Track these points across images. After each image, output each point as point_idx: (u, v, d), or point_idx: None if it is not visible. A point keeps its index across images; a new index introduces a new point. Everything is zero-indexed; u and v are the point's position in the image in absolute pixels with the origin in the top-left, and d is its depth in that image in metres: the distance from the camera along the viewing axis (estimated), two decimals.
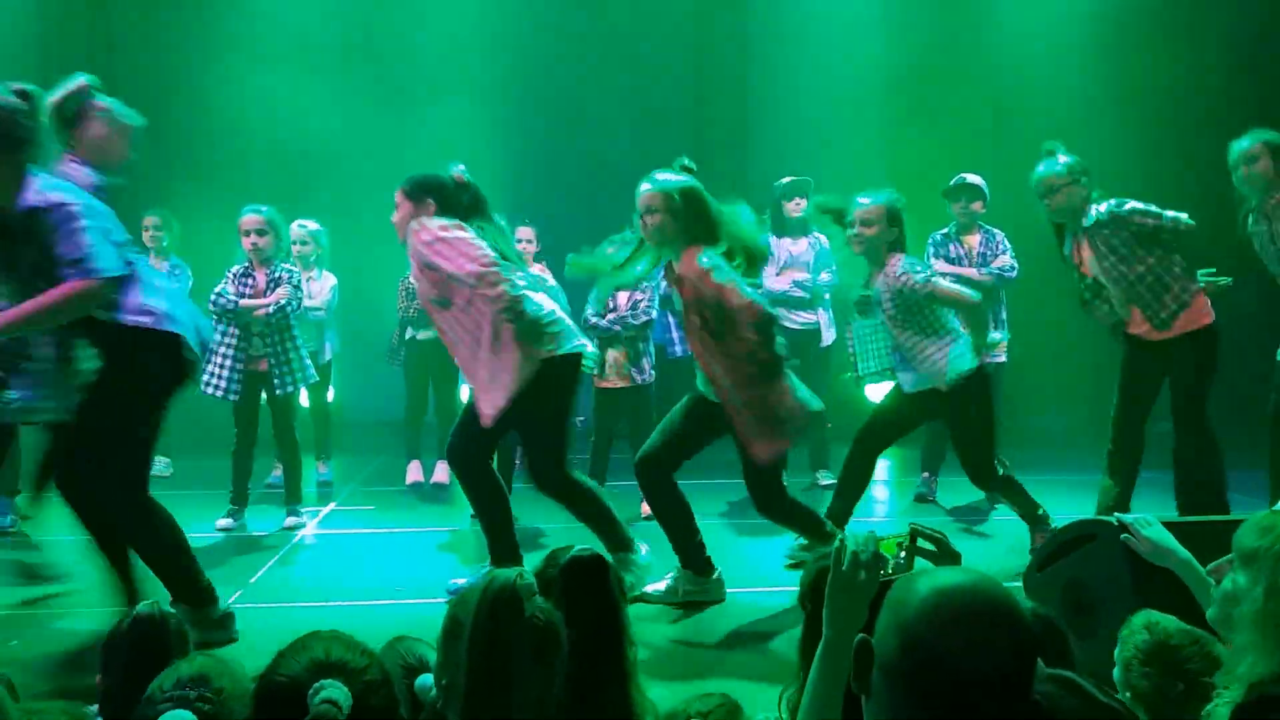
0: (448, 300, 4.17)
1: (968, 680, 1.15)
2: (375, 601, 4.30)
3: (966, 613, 1.17)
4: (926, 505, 6.20)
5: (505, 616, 1.47)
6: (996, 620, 1.18)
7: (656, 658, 3.56)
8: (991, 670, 1.15)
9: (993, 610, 1.18)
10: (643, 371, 5.96)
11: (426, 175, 4.53)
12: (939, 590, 1.20)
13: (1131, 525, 2.69)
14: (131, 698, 1.75)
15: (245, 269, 5.64)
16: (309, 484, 6.37)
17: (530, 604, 1.49)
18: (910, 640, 1.18)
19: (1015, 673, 1.17)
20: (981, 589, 1.20)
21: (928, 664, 1.16)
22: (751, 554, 5.26)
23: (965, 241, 6.19)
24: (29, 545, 5.31)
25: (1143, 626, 2.12)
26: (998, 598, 1.20)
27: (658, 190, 4.26)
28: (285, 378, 5.61)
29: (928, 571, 1.28)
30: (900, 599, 1.22)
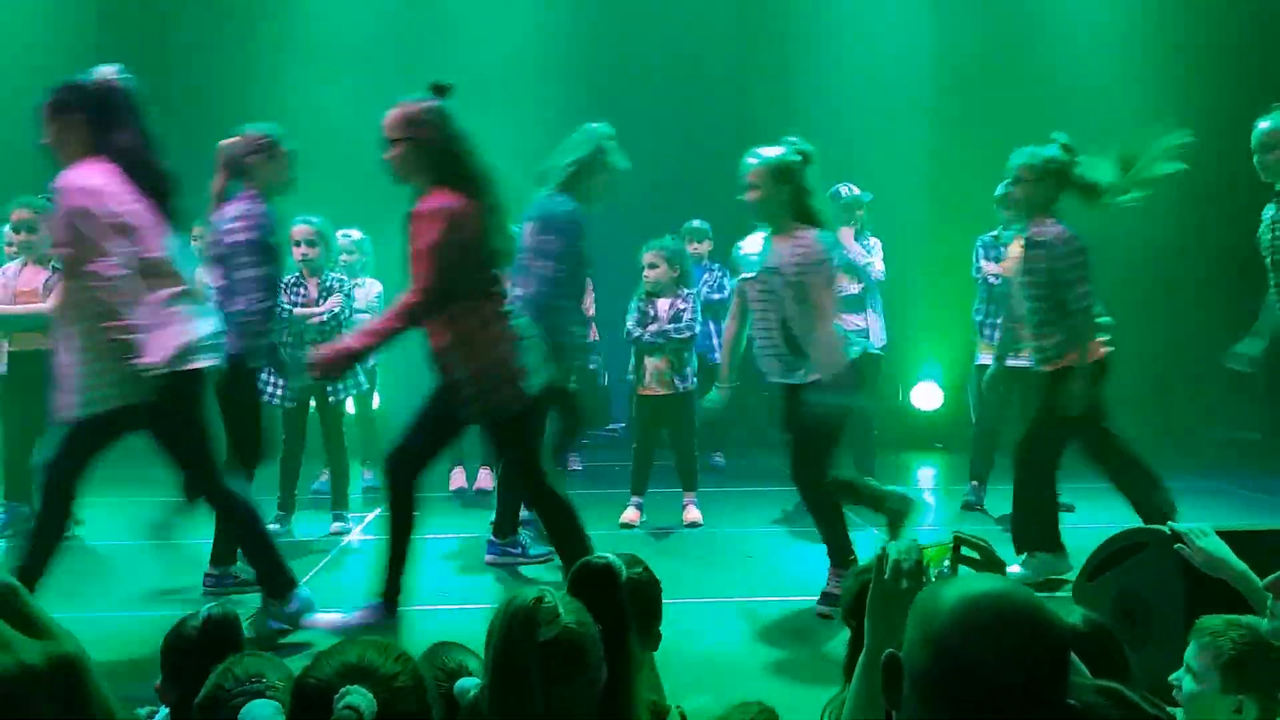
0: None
1: (999, 688, 1.14)
2: (420, 607, 4.33)
3: (996, 620, 1.16)
4: (975, 513, 6.11)
5: (519, 637, 1.49)
6: (1026, 627, 1.17)
7: (696, 666, 3.55)
8: (1022, 678, 1.15)
9: (1022, 617, 1.18)
10: (685, 379, 5.91)
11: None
12: (967, 598, 1.19)
13: (1186, 535, 2.63)
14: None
15: (296, 279, 5.71)
16: (355, 490, 6.43)
17: (550, 627, 1.49)
18: (940, 649, 1.17)
19: (1046, 680, 1.16)
20: (1010, 596, 1.20)
21: (958, 672, 1.15)
22: (796, 561, 5.23)
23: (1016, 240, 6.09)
24: (85, 550, 5.42)
25: (1227, 625, 2.10)
26: (1027, 605, 1.19)
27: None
28: (338, 385, 5.67)
29: (955, 579, 1.27)
30: (928, 608, 1.21)
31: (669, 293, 5.87)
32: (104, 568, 5.19)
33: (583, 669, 1.52)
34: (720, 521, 5.91)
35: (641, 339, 5.83)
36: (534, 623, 1.48)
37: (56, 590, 4.67)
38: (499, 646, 1.50)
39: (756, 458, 7.93)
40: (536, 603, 1.50)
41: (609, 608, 1.76)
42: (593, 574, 1.80)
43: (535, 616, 1.48)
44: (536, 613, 1.48)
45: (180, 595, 4.59)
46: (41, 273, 5.52)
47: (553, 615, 1.49)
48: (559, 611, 1.51)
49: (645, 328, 5.83)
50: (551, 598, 1.54)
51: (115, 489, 6.68)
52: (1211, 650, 2.09)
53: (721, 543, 5.55)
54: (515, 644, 1.48)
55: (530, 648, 1.47)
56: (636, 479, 5.94)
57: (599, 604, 1.75)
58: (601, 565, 1.81)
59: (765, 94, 8.99)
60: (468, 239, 3.71)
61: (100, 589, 4.78)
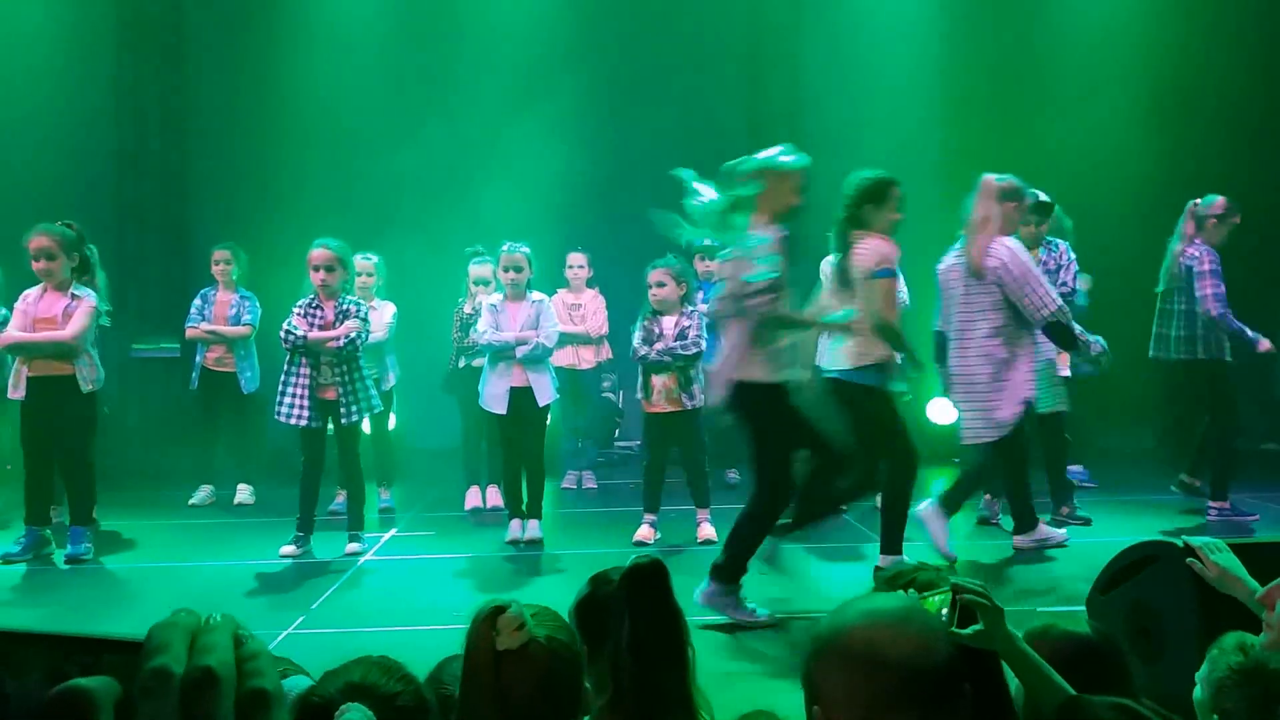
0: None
1: (914, 674, 1.21)
2: (435, 626, 4.34)
3: (902, 617, 1.27)
4: (989, 528, 6.09)
5: (476, 643, 1.52)
6: (928, 625, 1.27)
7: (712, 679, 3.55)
8: (931, 660, 1.22)
9: (919, 617, 1.28)
10: (693, 396, 5.90)
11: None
12: (869, 609, 1.29)
13: (1200, 549, 2.62)
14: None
15: (312, 301, 5.73)
16: (371, 510, 6.46)
17: (509, 637, 1.51)
18: (852, 665, 1.23)
19: (950, 671, 1.23)
20: (899, 600, 1.31)
21: (875, 676, 1.21)
22: (812, 576, 5.22)
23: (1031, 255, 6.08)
24: (105, 574, 5.47)
25: (1235, 647, 2.07)
26: (916, 610, 1.30)
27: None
28: (352, 406, 5.71)
29: (850, 601, 1.33)
30: (836, 633, 1.28)
31: (674, 310, 5.89)
32: (122, 591, 5.22)
33: (546, 688, 1.53)
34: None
35: (648, 357, 5.85)
36: (491, 630, 1.50)
37: (77, 614, 4.73)
38: (465, 648, 1.53)
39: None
40: (497, 610, 1.52)
41: (661, 603, 1.79)
42: (642, 573, 1.82)
43: (494, 625, 1.50)
44: (495, 620, 1.50)
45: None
46: (61, 299, 5.57)
47: (516, 625, 1.50)
48: (525, 623, 1.52)
49: (651, 346, 5.84)
50: (519, 609, 1.56)
51: (135, 512, 6.75)
52: (1209, 663, 2.10)
53: None
54: (473, 648, 1.50)
55: (486, 653, 1.49)
56: (649, 496, 5.95)
57: (650, 600, 1.78)
58: (649, 562, 1.84)
59: (775, 110, 9.03)
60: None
61: (120, 611, 4.81)
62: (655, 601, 1.80)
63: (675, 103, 9.08)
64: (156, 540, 6.21)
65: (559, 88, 8.81)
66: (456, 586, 5.14)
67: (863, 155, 8.46)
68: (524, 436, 5.91)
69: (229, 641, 0.71)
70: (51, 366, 5.54)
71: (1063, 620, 2.11)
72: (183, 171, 8.97)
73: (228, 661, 0.69)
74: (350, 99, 8.79)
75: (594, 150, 8.84)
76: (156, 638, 0.69)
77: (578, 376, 7.20)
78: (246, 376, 7.22)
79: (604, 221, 8.50)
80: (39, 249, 5.53)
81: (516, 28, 8.79)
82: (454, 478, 7.26)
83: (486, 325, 5.89)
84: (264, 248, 7.47)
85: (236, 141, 8.77)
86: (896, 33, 8.80)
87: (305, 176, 8.64)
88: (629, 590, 1.80)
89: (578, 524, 6.59)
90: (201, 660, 0.68)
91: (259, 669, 0.70)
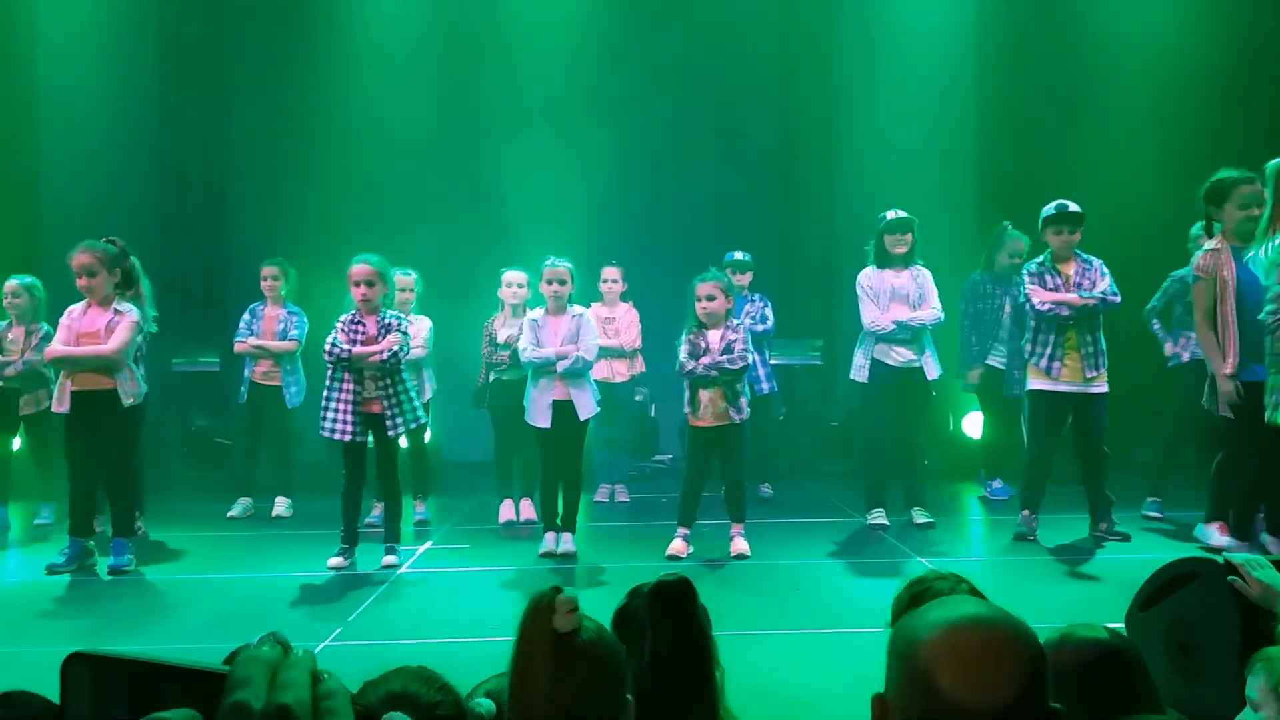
0: None
1: (964, 713, 1.12)
2: (472, 639, 4.37)
3: (967, 644, 1.15)
4: (1027, 544, 6.02)
5: (533, 623, 1.51)
6: (998, 652, 1.15)
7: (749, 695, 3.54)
8: (988, 704, 1.12)
9: (995, 642, 1.16)
10: (740, 411, 5.86)
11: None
12: (944, 621, 1.18)
13: (1241, 566, 2.59)
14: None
15: (354, 317, 5.77)
16: (407, 523, 6.51)
17: (566, 619, 1.50)
18: (911, 674, 1.16)
19: (1015, 707, 1.13)
20: (986, 620, 1.18)
21: (926, 696, 1.14)
22: (845, 593, 5.20)
23: (1062, 271, 6.00)
24: (146, 586, 5.55)
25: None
26: (1002, 630, 1.17)
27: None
28: (398, 419, 5.76)
29: (940, 602, 1.27)
30: (907, 634, 1.20)
31: (719, 324, 5.89)
32: (164, 602, 5.30)
33: (599, 680, 1.53)
34: (770, 553, 5.90)
35: (695, 372, 5.83)
36: (549, 610, 1.50)
37: (120, 625, 4.80)
38: (517, 634, 1.53)
39: (805, 489, 7.91)
40: (555, 592, 1.52)
41: (686, 622, 1.79)
42: (668, 590, 1.83)
43: (551, 605, 1.50)
44: (554, 602, 1.50)
45: (238, 628, 4.66)
46: (104, 315, 5.68)
47: (571, 607, 1.51)
48: (577, 607, 1.53)
49: (698, 360, 5.82)
50: (573, 594, 1.56)
51: (176, 524, 6.84)
52: (1265, 676, 2.07)
53: (771, 574, 5.54)
54: (529, 630, 1.50)
55: (543, 635, 1.49)
56: (685, 510, 5.93)
57: (675, 619, 1.78)
58: (676, 580, 1.84)
59: (808, 122, 9.04)
60: None
61: (161, 622, 4.88)
62: (680, 620, 1.79)
63: (708, 117, 9.12)
64: (197, 552, 6.29)
65: (593, 104, 8.88)
66: (492, 599, 5.16)
67: (895, 166, 8.47)
68: (563, 449, 5.93)
69: (307, 679, 0.73)
70: (94, 380, 5.64)
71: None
72: (223, 189, 9.11)
73: (304, 700, 0.71)
74: (388, 118, 8.91)
75: (627, 165, 8.89)
76: (239, 671, 0.72)
77: (612, 390, 7.22)
78: (291, 391, 7.31)
79: (637, 235, 8.55)
80: (81, 266, 5.64)
81: (552, 46, 8.86)
82: (488, 491, 7.30)
83: (528, 341, 5.94)
84: (303, 264, 7.57)
85: (276, 159, 8.91)
86: (929, 41, 8.78)
87: (343, 193, 8.75)
88: (653, 608, 1.80)
89: (611, 537, 6.60)
90: (279, 698, 0.70)
91: (334, 708, 0.72)
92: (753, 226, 8.72)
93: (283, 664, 0.74)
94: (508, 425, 6.82)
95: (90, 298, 5.70)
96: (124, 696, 0.76)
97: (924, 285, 6.44)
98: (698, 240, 8.28)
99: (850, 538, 6.32)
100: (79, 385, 5.65)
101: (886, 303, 6.40)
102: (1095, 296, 5.88)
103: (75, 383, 5.65)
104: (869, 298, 6.41)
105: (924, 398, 6.58)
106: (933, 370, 6.48)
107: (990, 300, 7.30)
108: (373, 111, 8.88)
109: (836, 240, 8.68)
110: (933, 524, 6.47)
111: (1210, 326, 5.32)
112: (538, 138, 8.74)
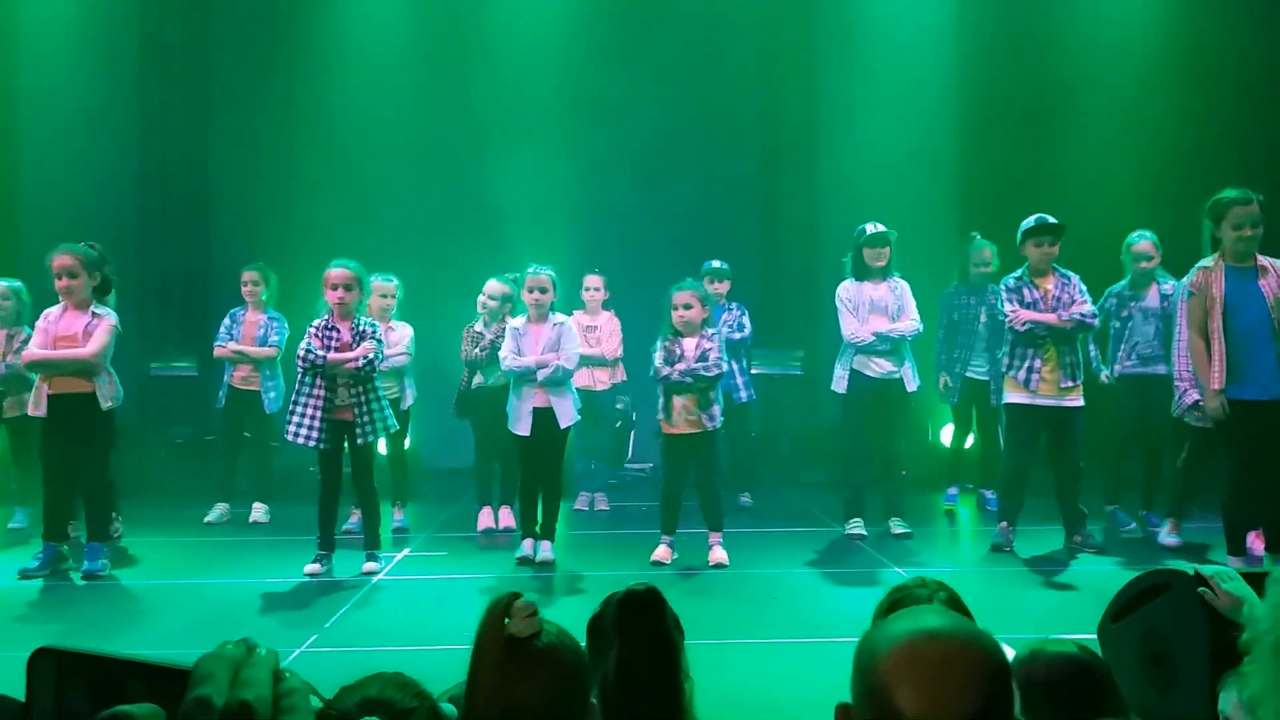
0: None
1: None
2: (448, 646, 4.35)
3: (923, 658, 1.13)
4: (1003, 555, 6.06)
5: (487, 628, 1.51)
6: (955, 667, 1.13)
7: (725, 705, 3.55)
8: (943, 718, 1.10)
9: (952, 656, 1.14)
10: (713, 418, 5.92)
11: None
12: (902, 634, 1.16)
13: (1211, 579, 2.62)
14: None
15: (327, 322, 5.77)
16: (385, 530, 6.49)
17: (522, 624, 1.50)
18: (870, 687, 1.15)
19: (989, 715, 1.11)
20: (945, 633, 1.16)
21: (884, 709, 1.13)
22: (829, 602, 5.21)
23: (1040, 285, 6.07)
24: (121, 591, 5.51)
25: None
26: (960, 643, 1.15)
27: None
28: (367, 426, 5.75)
29: (903, 614, 1.25)
30: (869, 646, 1.19)
31: (695, 332, 5.92)
32: (138, 607, 5.26)
33: (555, 686, 1.52)
34: (748, 562, 5.91)
35: (670, 378, 5.87)
36: (504, 614, 1.50)
37: (94, 630, 4.76)
38: (473, 641, 1.53)
39: (784, 498, 7.93)
40: (513, 597, 1.52)
41: (654, 632, 1.79)
42: (636, 600, 1.83)
43: (508, 610, 1.50)
44: (510, 607, 1.50)
45: (213, 633, 4.64)
46: (82, 318, 5.64)
47: (529, 612, 1.50)
48: (537, 612, 1.53)
49: (673, 366, 5.86)
50: (530, 599, 1.56)
51: (151, 529, 6.80)
52: (1236, 691, 2.09)
53: (749, 583, 5.55)
54: (483, 635, 1.50)
55: (495, 639, 1.49)
56: (666, 517, 5.96)
57: (642, 629, 1.78)
58: (644, 590, 1.84)
59: (790, 131, 9.09)
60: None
61: (135, 627, 4.84)
62: (648, 630, 1.79)
63: (692, 127, 9.15)
64: (172, 557, 6.25)
65: (576, 114, 8.90)
66: (469, 607, 5.15)
67: (876, 177, 8.53)
68: (543, 457, 5.93)
69: (269, 677, 0.73)
70: (72, 384, 5.60)
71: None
72: (204, 193, 9.08)
73: (265, 697, 0.72)
74: (371, 123, 8.90)
75: (610, 174, 8.91)
76: (202, 668, 0.73)
77: (593, 398, 7.23)
78: (270, 396, 7.28)
79: (620, 244, 8.57)
80: (62, 267, 5.60)
81: (535, 53, 8.88)
82: (467, 498, 7.29)
83: (509, 350, 5.95)
84: (283, 269, 7.55)
85: (258, 164, 8.89)
86: (911, 53, 8.85)
87: (325, 199, 8.73)
88: (621, 618, 1.80)
89: (590, 545, 6.59)
90: (241, 694, 0.71)
91: (294, 705, 0.73)
92: (735, 236, 8.76)
93: (245, 662, 0.75)
94: (488, 432, 6.82)
95: (68, 300, 5.66)
96: (87, 692, 0.77)
97: (902, 297, 6.48)
98: (680, 249, 8.31)
99: (829, 547, 6.35)
100: (57, 389, 5.61)
101: (865, 315, 6.43)
102: (1074, 318, 5.94)
103: (53, 386, 5.61)
104: (848, 310, 6.45)
105: (902, 409, 6.62)
106: (911, 382, 6.52)
107: (966, 310, 7.35)
108: (356, 117, 8.88)
109: (817, 251, 8.73)
110: (910, 534, 6.50)
111: (1201, 340, 5.38)
112: (521, 145, 8.76)
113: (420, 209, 8.91)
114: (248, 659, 0.74)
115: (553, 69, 8.89)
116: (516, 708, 1.47)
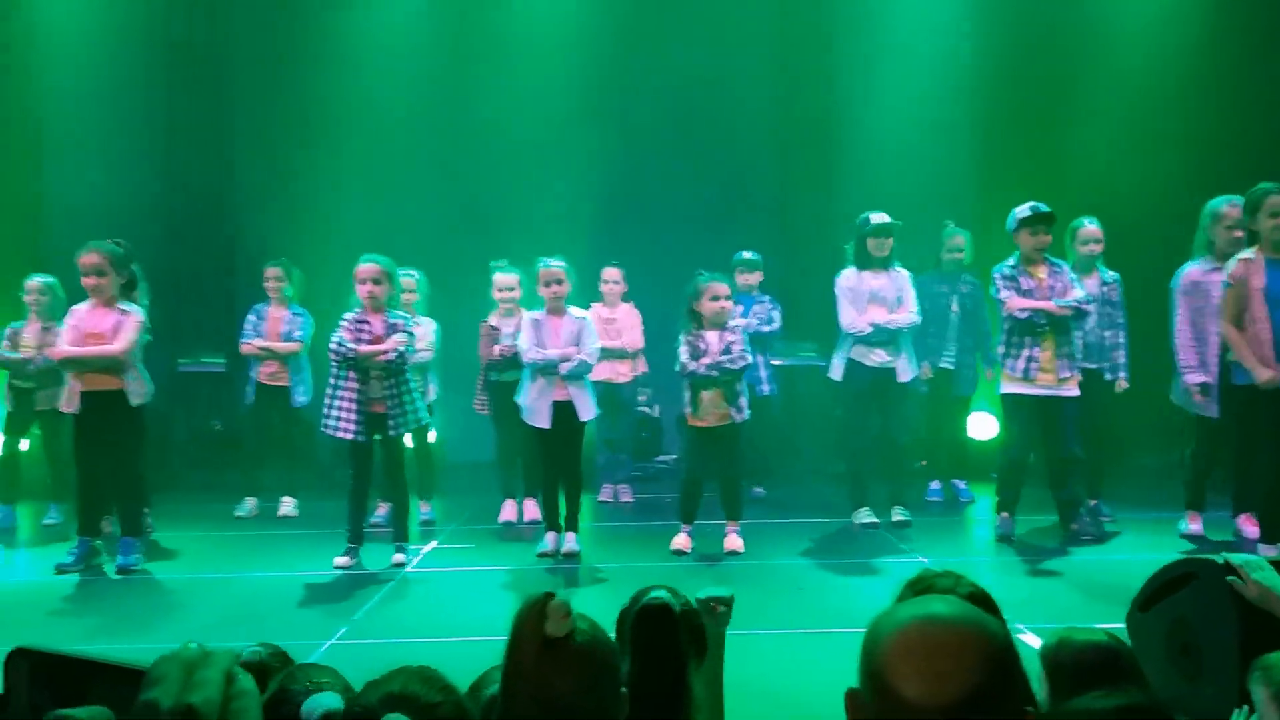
0: None
1: (910, 710, 1.10)
2: (477, 638, 4.39)
3: (919, 642, 1.14)
4: (1009, 545, 6.02)
5: (523, 630, 1.53)
6: (948, 651, 1.13)
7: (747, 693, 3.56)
8: (931, 700, 1.10)
9: (948, 641, 1.14)
10: (740, 410, 5.93)
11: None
12: (904, 619, 1.17)
13: (1240, 568, 2.61)
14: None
15: (359, 316, 5.81)
16: (412, 523, 6.53)
17: (557, 624, 1.52)
18: (871, 670, 1.17)
19: (963, 705, 1.10)
20: (944, 619, 1.16)
21: (882, 692, 1.14)
22: (852, 592, 5.21)
23: (1033, 274, 6.00)
24: (154, 585, 5.59)
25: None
26: (958, 629, 1.15)
27: None
28: (399, 419, 5.80)
29: (911, 602, 1.25)
30: (874, 631, 1.20)
31: (723, 324, 5.93)
32: (171, 600, 5.33)
33: (590, 682, 1.54)
34: (769, 552, 5.92)
35: (696, 372, 5.87)
36: (541, 616, 1.51)
37: (127, 623, 4.83)
38: (509, 638, 1.54)
39: (800, 490, 7.90)
40: (548, 597, 1.54)
41: (667, 646, 1.81)
42: (649, 615, 1.85)
43: (544, 611, 1.52)
44: (546, 608, 1.52)
45: (244, 627, 4.70)
46: (109, 315, 5.70)
47: (564, 613, 1.52)
48: (571, 611, 1.54)
49: (699, 360, 5.86)
50: (566, 599, 1.58)
51: (183, 523, 6.88)
52: (1264, 684, 2.08)
53: (770, 574, 5.56)
54: (520, 635, 1.52)
55: (534, 639, 1.51)
56: (687, 508, 5.98)
57: (655, 644, 1.80)
58: (659, 605, 1.86)
59: (805, 124, 9.05)
60: None
61: (168, 621, 4.91)
62: (660, 646, 1.82)
63: (710, 118, 9.12)
64: (204, 551, 6.33)
65: (594, 106, 8.89)
66: (498, 599, 5.19)
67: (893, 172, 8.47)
68: (564, 450, 5.95)
69: (220, 679, 0.74)
70: (102, 380, 5.67)
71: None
72: (228, 191, 9.14)
73: (213, 699, 0.72)
74: (390, 119, 8.92)
75: (628, 166, 8.90)
76: (155, 670, 0.73)
77: (614, 390, 7.24)
78: (299, 391, 7.35)
79: (638, 236, 8.56)
80: (89, 265, 5.67)
81: (552, 47, 8.87)
82: (493, 491, 7.33)
83: (529, 342, 5.95)
84: (306, 265, 7.60)
85: (280, 161, 8.94)
86: (929, 46, 8.79)
87: (346, 195, 8.77)
88: (635, 631, 1.83)
89: (614, 537, 6.62)
90: (188, 697, 0.72)
91: (244, 708, 0.73)
92: (754, 227, 8.73)
93: (200, 664, 0.75)
94: (508, 426, 6.84)
95: (96, 297, 5.72)
96: (52, 692, 0.78)
97: (903, 288, 6.46)
98: (699, 241, 8.29)
99: (847, 537, 6.36)
100: (88, 386, 5.68)
101: (864, 305, 6.42)
102: (1071, 305, 5.89)
103: (84, 383, 5.69)
104: (848, 300, 6.44)
105: (900, 398, 6.60)
106: (905, 373, 6.49)
107: (938, 300, 7.24)
108: (375, 113, 8.90)
109: (837, 241, 8.67)
110: (909, 523, 6.49)
111: (1235, 331, 5.36)
112: (539, 139, 8.76)
113: (440, 203, 8.92)
114: (203, 660, 0.75)
115: (570, 63, 8.88)
116: (554, 701, 1.49)
